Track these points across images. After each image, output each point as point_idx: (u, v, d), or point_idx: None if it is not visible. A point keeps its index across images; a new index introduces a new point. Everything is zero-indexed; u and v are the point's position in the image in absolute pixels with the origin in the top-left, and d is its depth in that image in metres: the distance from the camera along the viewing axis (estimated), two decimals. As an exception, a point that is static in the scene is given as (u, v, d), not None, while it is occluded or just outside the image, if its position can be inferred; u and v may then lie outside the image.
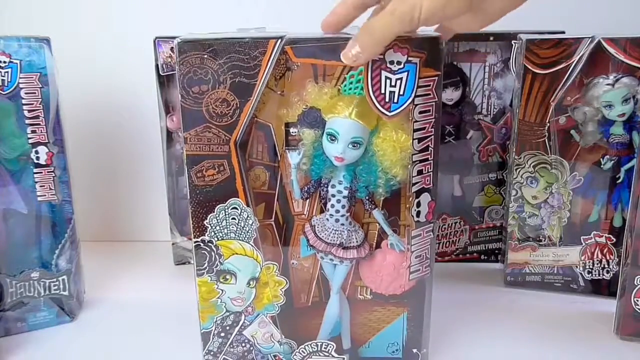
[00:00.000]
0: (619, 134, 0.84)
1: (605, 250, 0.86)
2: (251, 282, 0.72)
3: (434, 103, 0.74)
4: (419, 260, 0.72)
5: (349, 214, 0.73)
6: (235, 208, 0.70)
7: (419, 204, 0.69)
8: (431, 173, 0.77)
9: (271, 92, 0.67)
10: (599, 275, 0.87)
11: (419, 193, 0.69)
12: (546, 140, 0.85)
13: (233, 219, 0.70)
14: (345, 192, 0.71)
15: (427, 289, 0.71)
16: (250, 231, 0.70)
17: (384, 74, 0.64)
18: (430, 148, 0.76)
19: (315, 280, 0.76)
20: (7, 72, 0.69)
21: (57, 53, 0.75)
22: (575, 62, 0.81)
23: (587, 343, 0.72)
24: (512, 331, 0.78)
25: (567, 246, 0.88)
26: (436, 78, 0.72)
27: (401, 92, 0.71)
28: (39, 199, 0.74)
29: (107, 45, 1.07)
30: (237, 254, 0.72)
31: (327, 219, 0.73)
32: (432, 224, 0.78)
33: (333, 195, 0.72)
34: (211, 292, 0.71)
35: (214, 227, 0.68)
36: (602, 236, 0.86)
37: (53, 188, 0.75)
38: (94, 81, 1.08)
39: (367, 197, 0.71)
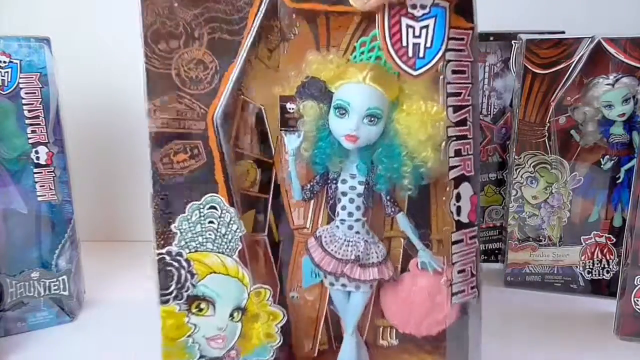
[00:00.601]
0: (619, 134, 0.84)
1: (605, 250, 0.87)
2: (235, 314, 0.57)
3: (469, 63, 0.57)
4: (463, 278, 0.53)
5: (365, 218, 0.60)
6: (214, 208, 0.55)
7: (458, 197, 0.52)
8: (472, 156, 0.58)
9: (263, 66, 0.57)
10: (599, 275, 0.87)
11: (458, 182, 0.55)
12: (546, 140, 0.86)
13: (211, 222, 0.56)
14: (360, 188, 0.58)
15: (473, 322, 0.50)
16: (234, 240, 0.56)
17: (405, 21, 0.53)
18: (468, 122, 0.58)
19: (322, 320, 0.61)
20: (7, 72, 0.70)
21: (57, 53, 0.75)
22: (575, 62, 0.83)
23: (587, 343, 0.72)
24: (512, 331, 0.77)
25: (567, 246, 0.89)
26: (470, 32, 0.56)
27: (428, 44, 0.55)
28: (39, 199, 0.75)
29: (107, 45, 1.07)
30: (215, 272, 0.56)
31: (338, 227, 0.60)
32: (476, 227, 0.58)
33: (344, 194, 0.58)
34: (180, 328, 0.50)
35: (184, 234, 0.54)
36: (602, 236, 0.87)
37: (53, 188, 0.75)
38: (94, 81, 1.07)
39: (388, 196, 0.58)
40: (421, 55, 0.52)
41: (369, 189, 0.57)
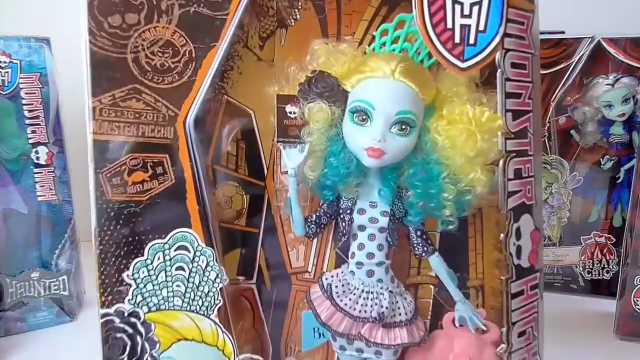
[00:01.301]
0: (619, 134, 0.83)
1: (605, 250, 0.86)
2: (214, 397, 0.44)
3: (530, 56, 0.43)
4: (524, 343, 0.43)
5: (389, 261, 0.47)
6: (185, 248, 0.43)
7: (519, 234, 0.37)
8: (533, 179, 0.43)
9: (253, 58, 0.47)
10: (598, 275, 0.86)
11: (518, 213, 0.45)
12: (546, 140, 0.85)
13: (180, 269, 0.43)
14: (384, 221, 0.46)
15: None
16: (212, 294, 0.43)
17: (450, -4, 0.39)
18: (529, 133, 0.44)
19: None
20: (7, 72, 0.70)
21: (57, 53, 0.74)
22: (575, 62, 0.81)
23: (587, 343, 0.69)
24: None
25: (566, 246, 0.87)
26: (531, 15, 0.42)
27: (481, 27, 0.41)
28: (39, 199, 0.73)
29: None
30: (186, 339, 0.43)
31: (353, 272, 0.47)
32: (538, 273, 0.43)
33: (362, 228, 0.47)
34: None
35: (142, 286, 0.42)
36: (601, 236, 0.85)
37: (53, 188, 0.74)
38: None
39: (419, 232, 0.47)
40: (471, 41, 0.41)
41: (395, 221, 0.46)
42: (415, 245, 0.46)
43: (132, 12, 0.41)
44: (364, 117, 0.43)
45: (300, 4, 0.46)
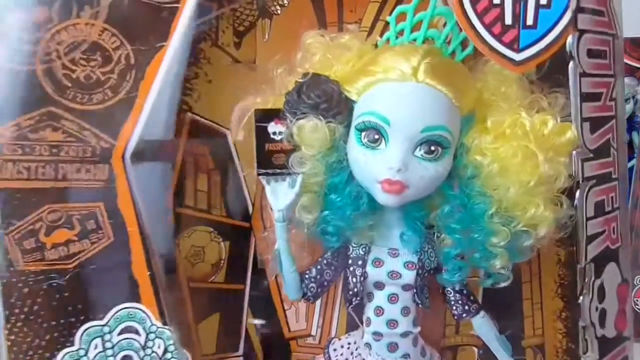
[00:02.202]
0: None
1: None
2: None
3: (612, 39, 0.31)
4: None
5: (418, 329, 0.37)
6: (132, 331, 0.33)
7: (602, 293, 0.26)
8: (618, 212, 0.31)
9: (226, 59, 0.38)
10: None
11: (600, 264, 0.33)
12: None
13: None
14: (409, 276, 0.35)
15: None
16: None
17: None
18: (612, 148, 0.32)
19: None
20: None
21: None
22: None
23: None
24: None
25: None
26: None
27: (543, 0, 0.27)
28: None
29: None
30: None
31: (369, 345, 0.37)
32: (627, 342, 0.31)
33: (379, 286, 0.36)
34: None
35: None
36: None
37: None
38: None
39: (460, 287, 0.36)
40: (529, 21, 0.30)
41: (425, 275, 0.36)
42: (452, 303, 0.37)
43: (40, 5, 0.32)
44: (376, 137, 0.34)
45: (288, -15, 0.40)
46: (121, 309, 0.33)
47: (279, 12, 0.39)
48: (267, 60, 0.37)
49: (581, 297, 0.31)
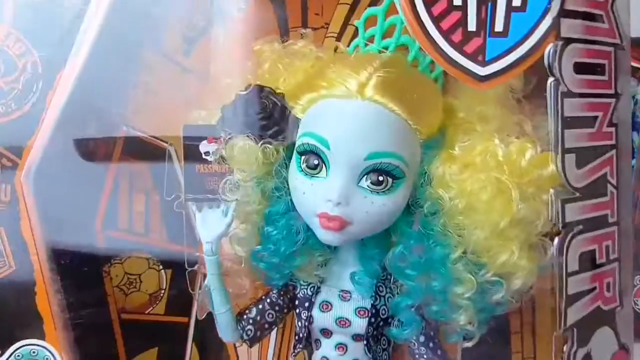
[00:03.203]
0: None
1: None
2: None
3: (613, 49, 0.25)
4: None
5: None
6: None
7: None
8: (617, 264, 0.24)
9: (176, 69, 0.34)
10: None
11: (586, 328, 0.26)
12: None
13: None
14: (360, 324, 0.30)
15: None
16: None
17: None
18: (609, 185, 0.25)
19: None
20: None
21: None
22: None
23: None
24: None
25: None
26: None
27: (516, 1, 0.22)
28: None
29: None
30: None
31: None
32: None
33: (326, 333, 0.31)
34: None
35: None
36: None
37: None
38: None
39: (422, 336, 0.30)
40: (499, 28, 0.24)
41: (379, 324, 0.30)
42: (417, 357, 0.31)
43: None
44: (316, 162, 0.29)
45: (246, -16, 0.36)
46: (22, 346, 0.29)
47: (235, 14, 0.35)
48: (222, 70, 0.34)
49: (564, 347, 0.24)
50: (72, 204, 0.30)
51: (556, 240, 0.25)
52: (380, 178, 0.27)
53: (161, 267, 0.35)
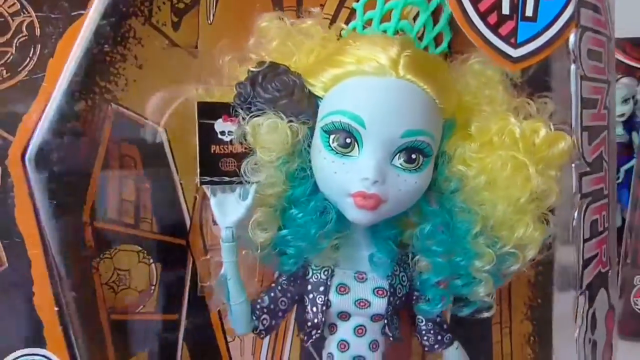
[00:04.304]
0: (619, 134, 0.81)
1: None
2: None
3: (606, 40, 0.27)
4: None
5: None
6: None
7: (594, 323, 0.23)
8: (608, 232, 0.27)
9: (163, 42, 0.32)
10: None
11: (593, 290, 0.29)
12: None
13: None
14: (380, 304, 0.30)
15: None
16: None
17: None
18: (604, 161, 0.28)
19: None
20: None
21: None
22: None
23: None
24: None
25: (565, 246, 0.89)
26: None
27: None
28: None
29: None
30: None
31: None
32: None
33: (344, 316, 0.31)
34: None
35: None
36: None
37: None
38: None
39: (434, 317, 0.32)
40: (529, 12, 0.25)
41: (397, 303, 0.31)
42: (424, 333, 0.33)
43: None
44: (348, 140, 0.28)
45: (238, -44, 0.33)
46: (20, 356, 0.25)
47: (227, -9, 0.33)
48: (212, 46, 0.31)
49: (577, 331, 0.27)
50: (69, 189, 0.26)
51: (576, 213, 0.27)
52: (413, 156, 0.27)
53: (151, 261, 0.32)
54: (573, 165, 0.26)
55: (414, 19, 0.33)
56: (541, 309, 0.40)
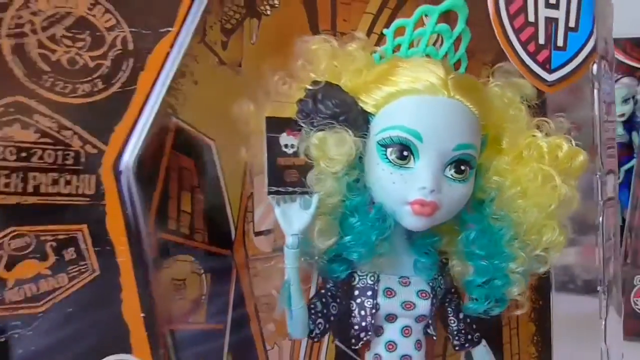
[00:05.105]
0: (619, 134, 0.81)
1: None
2: None
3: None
4: None
5: None
6: None
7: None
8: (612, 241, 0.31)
9: (214, 60, 0.32)
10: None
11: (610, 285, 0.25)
12: None
13: None
14: (424, 305, 0.32)
15: None
16: None
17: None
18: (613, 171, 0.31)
19: None
20: None
21: None
22: None
23: (586, 343, 0.60)
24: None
25: (565, 247, 0.88)
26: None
27: (571, 23, 0.28)
28: None
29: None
30: None
31: None
32: None
33: (391, 318, 0.32)
34: None
35: None
36: None
37: None
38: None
39: (462, 315, 0.34)
40: (560, 43, 0.30)
41: (436, 305, 0.33)
42: (455, 333, 0.35)
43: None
44: (405, 153, 0.30)
45: (279, -16, 0.35)
46: None
47: (268, 12, 0.34)
48: (254, 64, 0.33)
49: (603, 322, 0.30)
50: (143, 199, 0.26)
51: (600, 217, 0.31)
52: (462, 167, 0.30)
53: (202, 271, 0.32)
54: (597, 174, 0.30)
55: (434, 44, 0.37)
56: (541, 311, 0.44)
